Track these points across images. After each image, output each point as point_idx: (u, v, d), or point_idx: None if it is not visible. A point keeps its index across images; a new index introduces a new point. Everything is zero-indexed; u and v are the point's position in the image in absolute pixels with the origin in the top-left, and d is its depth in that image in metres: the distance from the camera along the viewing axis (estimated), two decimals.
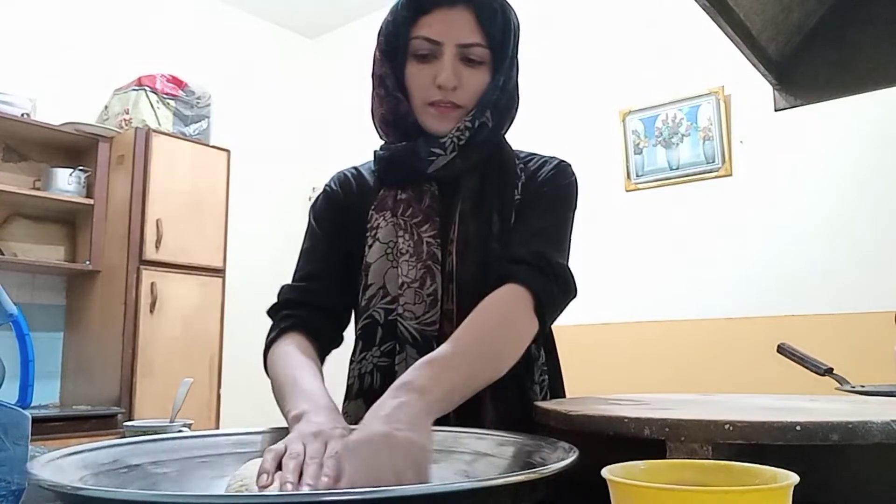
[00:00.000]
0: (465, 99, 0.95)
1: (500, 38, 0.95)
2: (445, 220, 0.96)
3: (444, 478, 0.63)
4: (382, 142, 1.06)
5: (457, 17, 0.93)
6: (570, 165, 1.02)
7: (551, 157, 1.04)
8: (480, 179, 0.98)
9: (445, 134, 0.95)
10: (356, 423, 0.71)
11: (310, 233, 1.06)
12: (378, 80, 1.00)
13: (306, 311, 0.94)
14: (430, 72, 0.94)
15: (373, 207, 0.99)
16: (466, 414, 0.78)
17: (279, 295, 0.98)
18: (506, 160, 1.01)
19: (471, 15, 0.93)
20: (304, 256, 1.04)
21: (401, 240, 0.95)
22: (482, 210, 0.96)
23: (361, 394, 0.93)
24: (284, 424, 0.73)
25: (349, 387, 0.97)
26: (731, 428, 0.52)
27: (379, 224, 0.97)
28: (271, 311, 0.97)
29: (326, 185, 1.10)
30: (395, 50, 0.96)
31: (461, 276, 0.93)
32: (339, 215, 1.04)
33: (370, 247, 0.96)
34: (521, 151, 1.05)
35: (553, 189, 0.98)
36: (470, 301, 0.86)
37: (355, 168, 1.11)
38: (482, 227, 0.95)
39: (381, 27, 0.99)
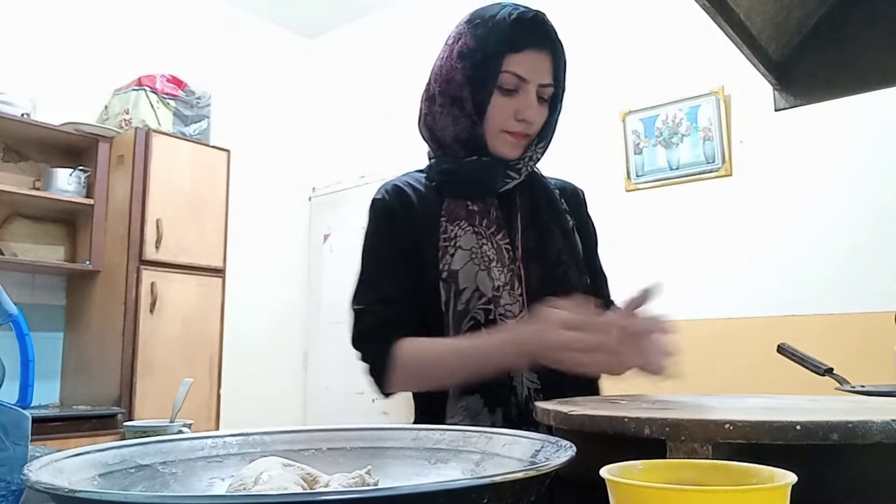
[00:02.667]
0: (534, 130, 1.06)
1: (562, 79, 1.06)
2: (508, 231, 1.06)
3: (451, 477, 0.63)
4: (432, 153, 1.11)
5: (541, 59, 1.03)
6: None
7: (565, 181, 1.21)
8: (530, 196, 1.10)
9: (513, 159, 1.06)
10: (475, 418, 0.97)
11: (378, 247, 1.09)
12: (454, 100, 1.04)
13: (399, 331, 1.01)
14: (513, 104, 1.02)
15: (444, 218, 1.04)
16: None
17: (362, 318, 1.03)
18: (539, 179, 1.13)
19: (549, 58, 1.03)
20: (380, 275, 1.06)
21: (485, 247, 1.03)
22: (537, 224, 1.08)
23: (478, 389, 0.99)
24: (288, 426, 0.73)
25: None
26: (732, 428, 0.52)
27: (457, 233, 1.03)
28: (363, 335, 1.03)
29: (381, 197, 1.11)
30: (482, 79, 1.01)
31: (529, 281, 1.04)
32: (401, 227, 1.07)
33: (452, 255, 1.02)
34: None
35: (594, 231, 1.21)
36: (538, 303, 0.98)
37: (402, 180, 1.13)
38: (540, 238, 1.07)
39: (462, 51, 1.03)
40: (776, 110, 1.41)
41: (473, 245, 1.02)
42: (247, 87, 4.28)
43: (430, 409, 1.06)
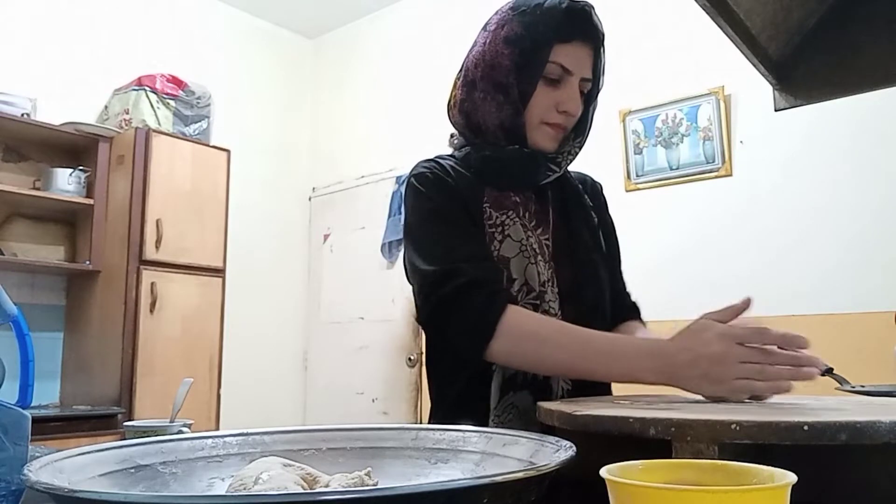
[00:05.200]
0: (572, 124, 1.05)
1: (600, 77, 1.05)
2: (545, 227, 1.05)
3: (451, 477, 0.63)
4: (466, 140, 1.08)
5: (586, 52, 1.01)
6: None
7: (583, 174, 1.19)
8: (560, 192, 1.09)
9: (550, 152, 1.03)
10: (525, 416, 0.92)
11: (442, 211, 1.00)
12: (497, 86, 1.01)
13: (504, 288, 0.95)
14: (555, 96, 1.00)
15: (487, 204, 1.01)
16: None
17: (454, 276, 0.92)
18: (566, 174, 1.11)
19: (592, 52, 1.02)
20: (457, 234, 0.98)
21: (531, 239, 1.00)
22: (568, 221, 1.07)
23: (527, 385, 0.96)
24: (289, 426, 0.73)
25: (509, 378, 0.96)
26: (738, 428, 0.52)
27: (504, 222, 1.00)
28: (461, 292, 0.91)
29: (425, 171, 1.04)
30: (529, 66, 0.99)
31: (560, 279, 1.02)
32: (459, 197, 1.02)
33: (500, 241, 0.99)
34: None
35: (613, 226, 1.18)
36: (569, 302, 1.00)
37: (437, 161, 1.06)
38: (570, 237, 1.06)
39: (510, 37, 1.00)
40: (776, 110, 1.41)
41: (522, 237, 0.99)
42: (247, 87, 4.28)
43: (462, 404, 1.00)
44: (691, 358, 0.77)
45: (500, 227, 0.99)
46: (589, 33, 1.01)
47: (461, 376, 1.01)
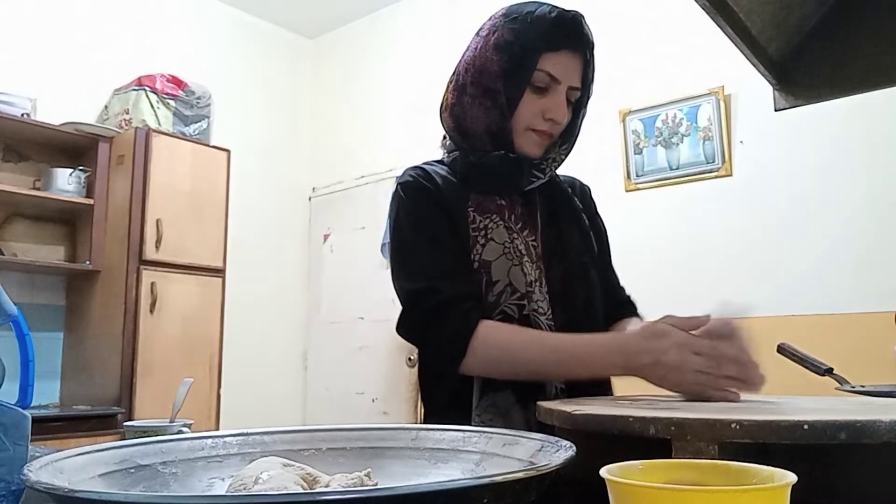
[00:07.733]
0: (558, 131, 1.06)
1: (590, 85, 1.06)
2: (532, 229, 1.06)
3: (451, 477, 0.63)
4: (455, 145, 1.09)
5: (575, 61, 1.02)
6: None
7: (572, 177, 1.21)
8: (548, 196, 1.11)
9: (536, 158, 1.05)
10: (505, 416, 0.95)
11: (423, 222, 1.03)
12: (486, 91, 1.02)
13: (478, 305, 0.97)
14: (542, 103, 1.02)
15: (472, 208, 1.03)
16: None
17: (429, 295, 0.96)
18: (555, 178, 1.12)
19: (581, 61, 1.03)
20: (436, 249, 1.01)
21: (516, 241, 1.02)
22: (557, 224, 1.09)
23: (508, 384, 0.97)
24: (289, 426, 0.73)
25: (489, 379, 0.98)
26: (738, 427, 0.51)
27: (487, 225, 1.02)
28: (436, 311, 0.95)
29: (411, 178, 1.06)
30: (517, 73, 1.00)
31: (552, 280, 1.04)
32: (438, 205, 1.04)
33: (483, 245, 1.01)
34: None
35: (603, 228, 1.20)
36: (560, 302, 1.02)
37: (423, 169, 1.09)
38: (560, 238, 1.08)
39: (499, 43, 1.01)
40: (776, 110, 1.41)
41: (506, 239, 1.01)
42: (247, 87, 4.28)
43: (450, 405, 1.02)
44: (651, 361, 0.83)
45: (484, 231, 1.01)
46: (577, 42, 1.01)
47: (446, 383, 1.03)
